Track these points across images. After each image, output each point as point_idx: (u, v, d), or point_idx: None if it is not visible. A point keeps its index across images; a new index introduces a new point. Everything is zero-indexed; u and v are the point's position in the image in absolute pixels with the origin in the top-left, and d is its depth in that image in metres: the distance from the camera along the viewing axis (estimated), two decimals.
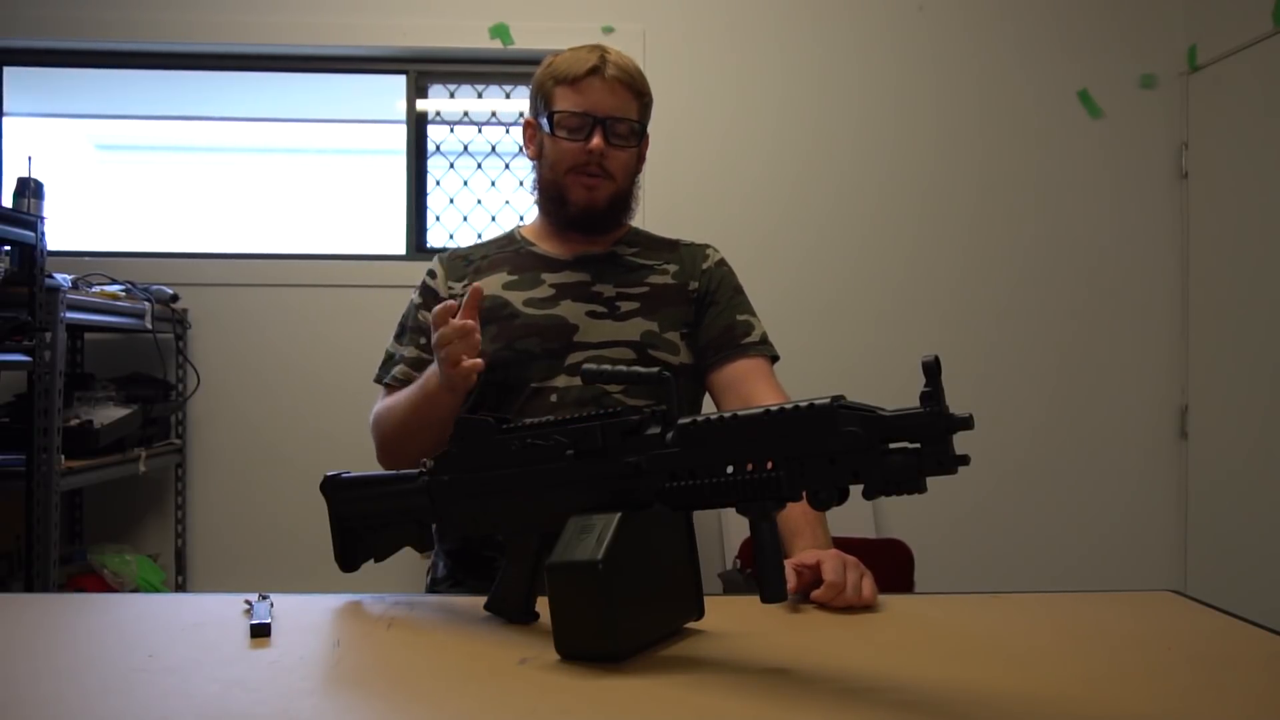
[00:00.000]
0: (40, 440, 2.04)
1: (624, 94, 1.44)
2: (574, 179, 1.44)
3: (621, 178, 1.47)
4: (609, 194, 1.46)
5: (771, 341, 1.51)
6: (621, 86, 1.44)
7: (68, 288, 2.18)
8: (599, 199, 1.45)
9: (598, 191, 1.45)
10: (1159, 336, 2.90)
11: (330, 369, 2.76)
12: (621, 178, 1.47)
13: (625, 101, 1.45)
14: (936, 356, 0.70)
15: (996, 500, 2.84)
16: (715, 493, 0.81)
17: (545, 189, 1.49)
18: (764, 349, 1.48)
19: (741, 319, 1.50)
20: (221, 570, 2.78)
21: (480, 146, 2.99)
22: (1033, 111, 2.90)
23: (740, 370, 1.45)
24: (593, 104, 1.42)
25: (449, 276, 1.52)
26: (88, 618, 1.04)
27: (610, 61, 1.44)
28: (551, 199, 1.48)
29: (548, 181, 1.48)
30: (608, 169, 1.44)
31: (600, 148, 1.41)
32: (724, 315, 1.49)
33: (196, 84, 3.02)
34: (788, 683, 0.79)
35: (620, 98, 1.44)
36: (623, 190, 1.49)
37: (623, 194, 1.49)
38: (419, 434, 1.32)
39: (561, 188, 1.46)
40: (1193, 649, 0.90)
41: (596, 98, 1.42)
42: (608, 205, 1.46)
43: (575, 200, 1.45)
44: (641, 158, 1.53)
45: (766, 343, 1.50)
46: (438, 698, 0.76)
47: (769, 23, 2.88)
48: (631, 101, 1.46)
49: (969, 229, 2.89)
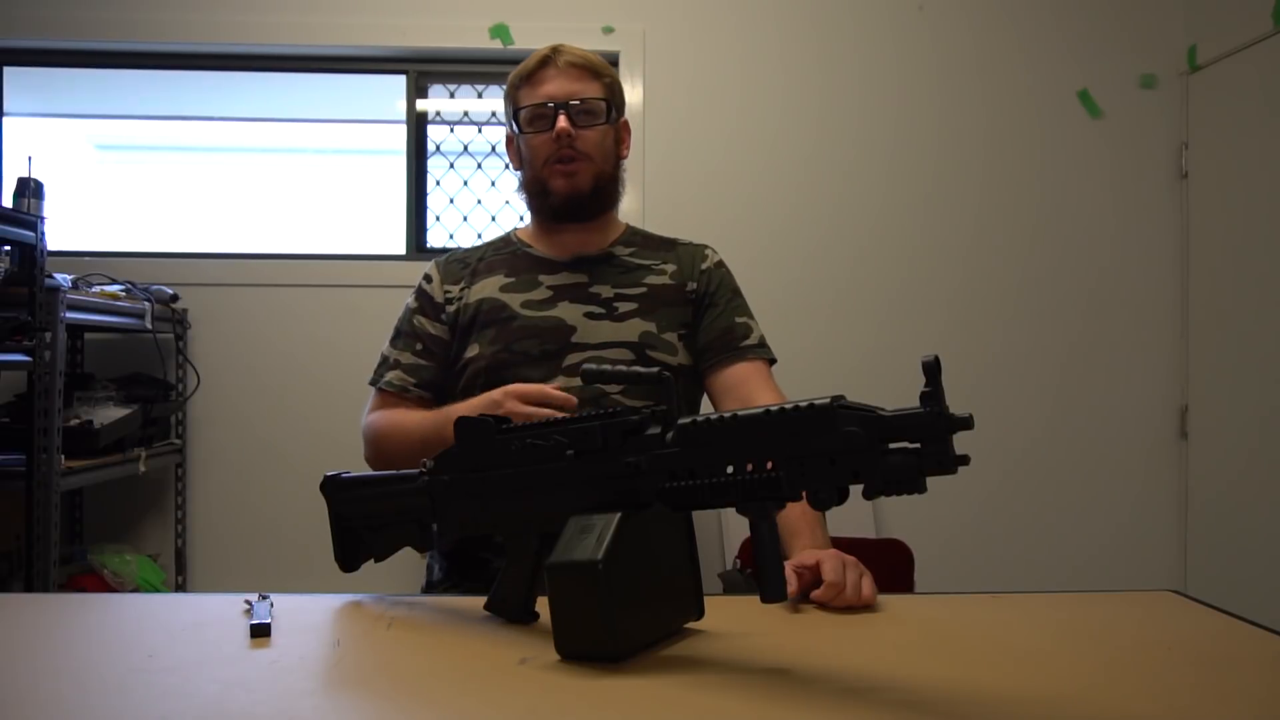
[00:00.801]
0: (40, 440, 2.04)
1: (580, 75, 1.47)
2: (551, 170, 1.46)
3: (599, 158, 1.47)
4: (590, 176, 1.46)
5: (769, 344, 1.51)
6: (575, 69, 1.46)
7: (68, 288, 2.18)
8: (581, 184, 1.46)
9: (578, 177, 1.45)
10: (1159, 337, 2.90)
11: (330, 369, 2.76)
12: (599, 158, 1.47)
13: (583, 83, 1.47)
14: (936, 356, 0.70)
15: (997, 500, 2.84)
16: (715, 493, 0.81)
17: (529, 188, 1.50)
18: (762, 352, 1.48)
19: (740, 321, 1.50)
20: (221, 570, 2.78)
21: (480, 146, 2.99)
22: (1033, 111, 2.90)
23: (739, 374, 1.45)
24: (550, 92, 1.45)
25: (445, 280, 1.52)
26: (88, 618, 1.04)
27: (562, 51, 1.47)
28: (536, 195, 1.49)
29: (530, 180, 1.49)
30: (581, 150, 1.45)
31: (566, 129, 1.43)
32: (723, 318, 1.49)
33: (196, 84, 3.02)
34: (788, 683, 0.79)
35: (576, 80, 1.46)
36: (605, 172, 1.49)
37: (605, 176, 1.49)
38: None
39: (543, 181, 1.47)
40: (1193, 649, 0.90)
41: (552, 85, 1.45)
42: (591, 188, 1.47)
43: (557, 189, 1.46)
44: (621, 140, 1.53)
45: (764, 345, 1.50)
46: (438, 698, 0.76)
47: (769, 23, 2.88)
48: (590, 82, 1.47)
49: (968, 229, 2.89)
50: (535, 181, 1.48)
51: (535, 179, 1.48)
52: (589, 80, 1.47)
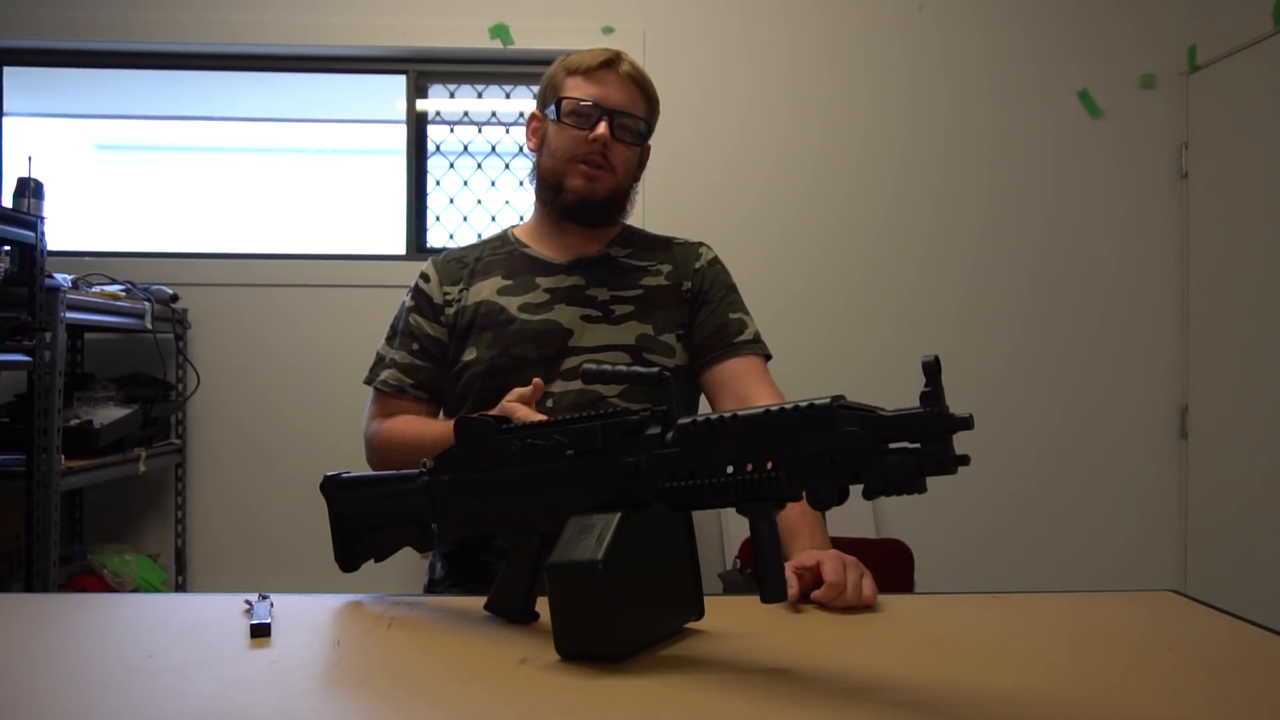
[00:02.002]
0: (40, 440, 2.04)
1: (635, 92, 1.46)
2: (575, 167, 1.44)
3: (622, 174, 1.47)
4: (609, 187, 1.46)
5: (771, 344, 1.51)
6: (634, 84, 1.46)
7: (68, 288, 2.18)
8: (598, 190, 1.45)
9: (598, 183, 1.44)
10: (1159, 336, 2.90)
11: (330, 369, 2.75)
12: (622, 174, 1.47)
13: (636, 99, 1.46)
14: (936, 356, 0.70)
15: (997, 500, 2.84)
16: (715, 493, 0.81)
17: (544, 177, 1.48)
18: (757, 347, 1.48)
19: (734, 317, 1.49)
20: (221, 570, 2.78)
21: (480, 146, 2.99)
22: (1033, 111, 2.90)
23: (734, 369, 1.45)
24: (604, 95, 1.43)
25: (444, 281, 1.52)
26: (88, 618, 1.04)
27: (626, 60, 1.47)
28: (550, 187, 1.47)
29: (547, 169, 1.47)
30: (611, 161, 1.44)
31: (605, 136, 1.42)
32: (717, 314, 1.49)
33: (196, 84, 3.02)
34: (788, 683, 0.79)
35: (631, 95, 1.45)
36: (622, 187, 1.48)
37: (621, 191, 1.49)
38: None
39: (561, 175, 1.45)
40: (1193, 649, 0.90)
41: (609, 90, 1.44)
42: (605, 198, 1.46)
43: (573, 188, 1.44)
44: (642, 163, 1.54)
45: (759, 341, 1.49)
46: (438, 698, 0.76)
47: (768, 22, 2.88)
48: (641, 102, 1.47)
49: (967, 229, 2.89)
50: (553, 173, 1.46)
51: (554, 170, 1.46)
52: (640, 99, 1.47)
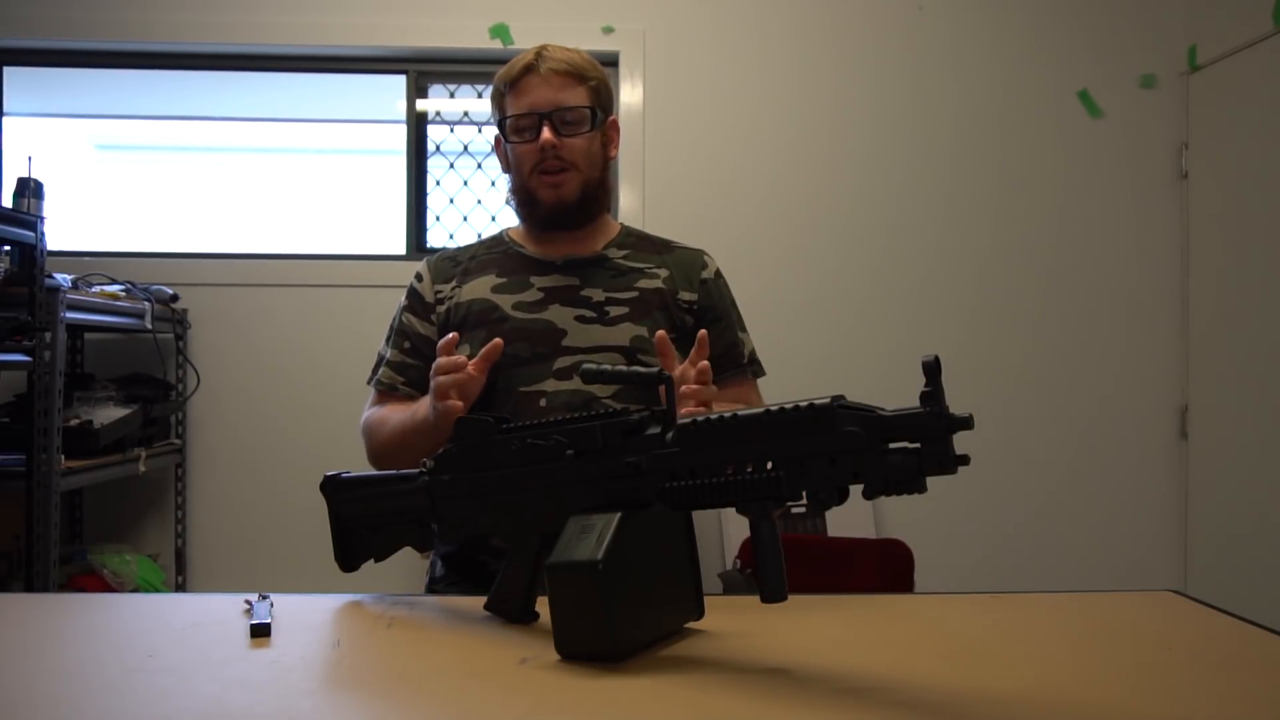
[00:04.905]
0: (40, 440, 2.04)
1: (564, 82, 1.44)
2: (538, 180, 1.45)
3: (586, 166, 1.46)
4: (577, 185, 1.45)
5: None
6: (559, 76, 1.44)
7: (68, 288, 2.18)
8: (567, 194, 1.45)
9: (564, 187, 1.44)
10: (1159, 336, 2.90)
11: (330, 369, 2.76)
12: (586, 166, 1.46)
13: (567, 90, 1.44)
14: (936, 356, 0.70)
15: (996, 500, 2.84)
16: (715, 493, 0.81)
17: (517, 194, 1.50)
18: (755, 369, 1.55)
19: (740, 337, 1.55)
20: (221, 570, 2.78)
21: (480, 146, 2.99)
22: (1032, 112, 2.90)
23: (735, 394, 1.49)
24: (533, 101, 1.43)
25: (435, 279, 1.52)
26: (88, 618, 1.04)
27: (546, 56, 1.44)
28: (524, 204, 1.49)
29: (518, 187, 1.49)
30: (567, 159, 1.44)
31: (551, 141, 1.41)
32: (726, 334, 1.51)
33: (196, 84, 3.02)
34: (788, 683, 0.79)
35: (560, 88, 1.44)
36: (592, 179, 1.47)
37: (593, 182, 1.48)
38: (402, 455, 1.34)
39: (530, 189, 1.46)
40: (1193, 649, 0.90)
41: (536, 94, 1.43)
42: (578, 197, 1.46)
43: (544, 200, 1.45)
44: (609, 142, 1.52)
45: (756, 361, 1.56)
46: (438, 698, 0.76)
47: (768, 22, 2.88)
48: (575, 87, 1.45)
49: (967, 229, 2.89)
50: (522, 190, 1.48)
51: (523, 187, 1.47)
52: (573, 86, 1.45)
